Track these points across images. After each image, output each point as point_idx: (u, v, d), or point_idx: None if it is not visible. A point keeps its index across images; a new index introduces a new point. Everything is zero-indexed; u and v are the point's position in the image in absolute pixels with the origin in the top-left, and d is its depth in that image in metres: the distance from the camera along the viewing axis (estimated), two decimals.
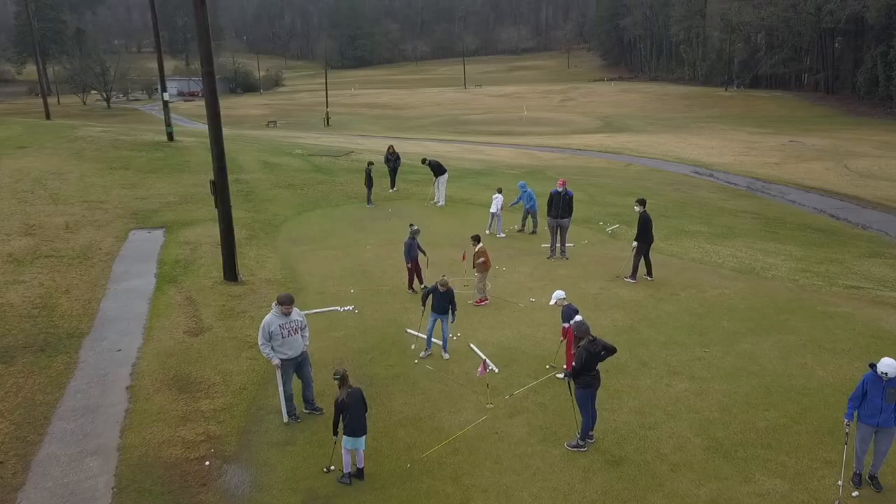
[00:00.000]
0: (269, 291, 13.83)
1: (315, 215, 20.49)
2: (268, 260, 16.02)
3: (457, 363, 10.73)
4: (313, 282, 14.53)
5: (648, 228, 14.43)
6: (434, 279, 14.26)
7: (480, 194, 24.12)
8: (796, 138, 55.69)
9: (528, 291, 14.01)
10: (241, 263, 15.38)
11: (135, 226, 18.34)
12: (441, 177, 22.14)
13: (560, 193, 16.19)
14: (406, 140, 54.51)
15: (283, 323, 8.75)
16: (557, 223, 16.33)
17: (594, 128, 71.04)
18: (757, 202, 28.14)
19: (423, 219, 20.33)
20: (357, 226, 19.41)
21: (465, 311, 12.85)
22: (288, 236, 18.22)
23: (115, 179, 23.51)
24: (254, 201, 21.70)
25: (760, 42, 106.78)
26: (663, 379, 10.17)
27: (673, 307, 13.09)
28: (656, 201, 26.36)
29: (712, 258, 17.02)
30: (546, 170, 35.60)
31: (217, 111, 13.52)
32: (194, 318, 12.32)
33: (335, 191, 23.65)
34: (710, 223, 21.94)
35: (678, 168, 39.11)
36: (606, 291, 14.04)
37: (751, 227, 22.02)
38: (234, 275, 14.24)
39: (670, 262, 16.38)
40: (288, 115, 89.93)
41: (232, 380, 10.16)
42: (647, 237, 14.48)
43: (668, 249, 17.73)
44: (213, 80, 13.39)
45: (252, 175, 25.25)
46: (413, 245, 13.99)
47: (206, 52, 13.21)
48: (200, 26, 13.06)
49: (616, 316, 12.66)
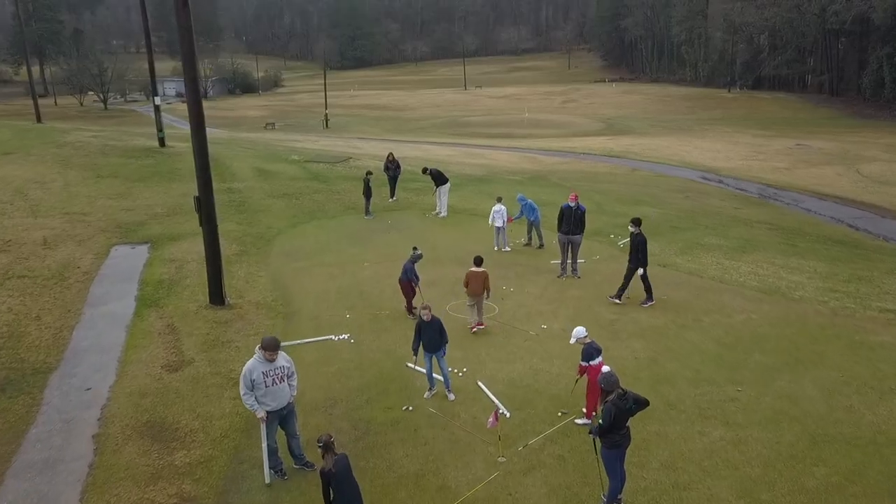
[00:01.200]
0: (257, 317, 12.77)
1: (310, 228, 19.42)
2: (258, 279, 14.95)
3: (463, 405, 9.66)
4: (306, 305, 13.46)
5: (643, 251, 13.33)
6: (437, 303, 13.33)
7: (483, 204, 23.01)
8: (802, 141, 54.70)
9: (539, 316, 12.94)
10: (229, 284, 14.32)
11: (118, 240, 17.27)
12: (442, 186, 21.07)
13: (572, 208, 15.12)
14: (405, 143, 53.50)
15: (268, 370, 7.67)
16: (569, 240, 15.26)
17: (596, 130, 69.99)
18: (771, 211, 27.08)
19: (423, 231, 19.31)
20: (354, 239, 18.34)
21: (471, 341, 11.79)
22: (281, 251, 17.14)
23: (101, 189, 22.43)
24: (246, 212, 20.63)
25: (763, 43, 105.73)
26: (695, 425, 9.10)
27: (697, 336, 12.01)
28: (666, 210, 25.33)
29: (733, 276, 15.94)
30: (549, 175, 34.57)
31: (201, 121, 12.45)
32: (175, 349, 11.24)
33: (332, 200, 22.58)
34: (726, 235, 20.86)
35: (685, 173, 38.05)
36: (623, 316, 12.97)
37: (769, 239, 20.94)
38: (220, 298, 13.17)
39: (689, 281, 15.31)
40: (286, 116, 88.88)
41: (212, 426, 9.09)
42: (641, 260, 13.39)
43: (686, 266, 16.66)
44: (197, 86, 12.32)
45: (245, 184, 24.18)
46: (410, 270, 12.94)
47: (188, 56, 12.14)
48: (183, 28, 11.99)
49: (636, 346, 11.60)
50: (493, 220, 17.50)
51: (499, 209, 17.44)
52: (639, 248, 13.33)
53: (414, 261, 12.99)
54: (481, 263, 12.12)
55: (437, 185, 21.18)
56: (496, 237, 17.72)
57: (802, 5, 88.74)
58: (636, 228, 13.47)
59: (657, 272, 15.98)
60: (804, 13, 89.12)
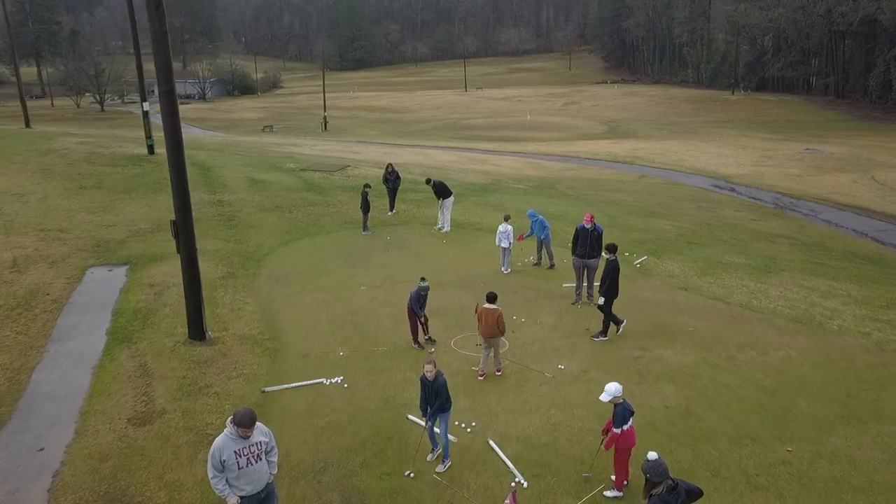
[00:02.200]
0: (241, 354, 11.46)
1: (304, 245, 18.11)
2: (245, 307, 13.64)
3: (473, 470, 8.36)
4: (296, 339, 12.16)
5: (612, 279, 11.96)
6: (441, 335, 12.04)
7: (489, 217, 21.73)
8: (812, 146, 53.44)
9: (555, 354, 11.64)
10: (213, 312, 13.04)
11: (95, 262, 15.96)
12: (446, 200, 19.77)
13: (588, 230, 13.82)
14: (406, 148, 52.22)
15: (241, 448, 6.36)
16: (584, 263, 13.96)
17: (599, 133, 68.72)
18: (790, 223, 25.80)
19: (425, 249, 18.02)
20: (351, 258, 17.03)
21: (480, 386, 10.49)
22: (271, 273, 15.84)
23: (82, 202, 21.12)
24: (235, 228, 19.32)
25: (767, 44, 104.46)
26: (744, 497, 7.81)
27: (733, 378, 10.72)
28: (681, 222, 24.05)
29: (762, 302, 14.65)
30: (555, 183, 33.29)
31: (179, 138, 11.14)
32: (145, 396, 9.94)
33: (328, 214, 21.27)
34: (747, 252, 19.58)
35: (695, 181, 36.77)
36: (648, 353, 11.67)
37: (792, 256, 19.66)
38: (201, 332, 11.87)
39: (716, 309, 14.01)
40: (285, 118, 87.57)
41: (181, 498, 7.79)
42: (613, 291, 12.04)
43: (709, 290, 15.36)
44: (173, 98, 11.01)
45: (236, 196, 22.86)
46: (417, 299, 11.66)
47: (163, 65, 10.83)
48: (157, 34, 10.69)
49: (666, 392, 10.30)
50: (500, 240, 16.21)
51: (505, 229, 16.14)
52: (608, 275, 11.93)
53: (420, 293, 11.71)
54: (495, 300, 10.74)
55: (440, 198, 19.89)
56: (503, 258, 16.43)
57: (808, 6, 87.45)
58: (611, 255, 12.09)
59: (680, 297, 14.73)
60: (809, 14, 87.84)
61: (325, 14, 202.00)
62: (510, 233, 16.14)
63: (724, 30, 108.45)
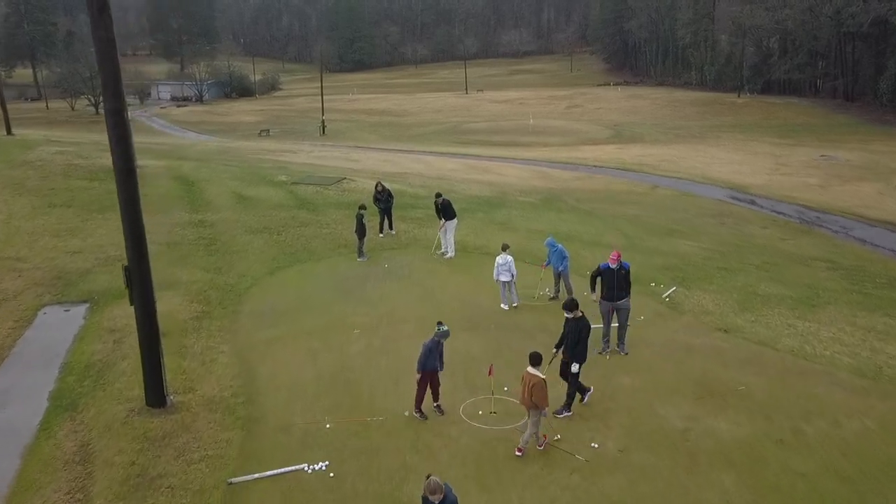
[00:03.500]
0: (208, 427, 9.53)
1: (291, 275, 16.17)
2: (218, 358, 11.71)
3: None
4: (275, 403, 10.22)
5: (583, 341, 9.87)
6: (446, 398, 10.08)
7: (497, 239, 19.72)
8: (826, 152, 51.60)
9: (584, 424, 9.71)
10: (178, 366, 11.13)
11: (51, 299, 14.04)
12: (449, 222, 17.85)
13: (613, 270, 11.89)
14: (405, 154, 50.31)
15: None
16: (614, 307, 12.02)
17: (604, 138, 66.81)
18: (821, 242, 23.89)
19: (427, 278, 16.10)
20: (344, 291, 15.10)
21: (497, 476, 8.54)
22: (253, 311, 13.91)
23: (48, 223, 19.21)
24: (217, 254, 17.39)
25: (773, 46, 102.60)
26: None
27: (806, 462, 8.78)
28: (704, 242, 22.14)
29: (815, 348, 12.72)
30: (564, 195, 31.36)
31: (130, 165, 9.22)
32: (80, 493, 8.01)
33: (320, 236, 19.34)
34: (784, 280, 17.64)
35: (712, 191, 34.84)
36: (697, 423, 9.73)
37: (834, 284, 17.73)
38: (160, 397, 9.94)
39: (764, 358, 12.08)
40: (283, 121, 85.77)
41: None
42: (584, 355, 9.90)
43: (752, 331, 13.43)
44: (124, 120, 9.09)
45: (220, 215, 20.92)
46: (435, 350, 9.75)
47: (111, 79, 8.91)
48: (102, 41, 8.76)
49: (726, 482, 8.36)
50: (499, 273, 14.27)
51: (504, 261, 14.21)
52: (578, 336, 9.84)
53: (439, 339, 9.80)
54: (539, 363, 8.83)
55: (441, 219, 17.97)
56: (503, 292, 14.47)
57: (816, 7, 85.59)
58: (573, 313, 9.97)
59: (721, 342, 12.79)
60: (818, 15, 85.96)
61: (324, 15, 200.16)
62: (511, 264, 14.22)
63: (728, 31, 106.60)
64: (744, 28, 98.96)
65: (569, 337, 9.96)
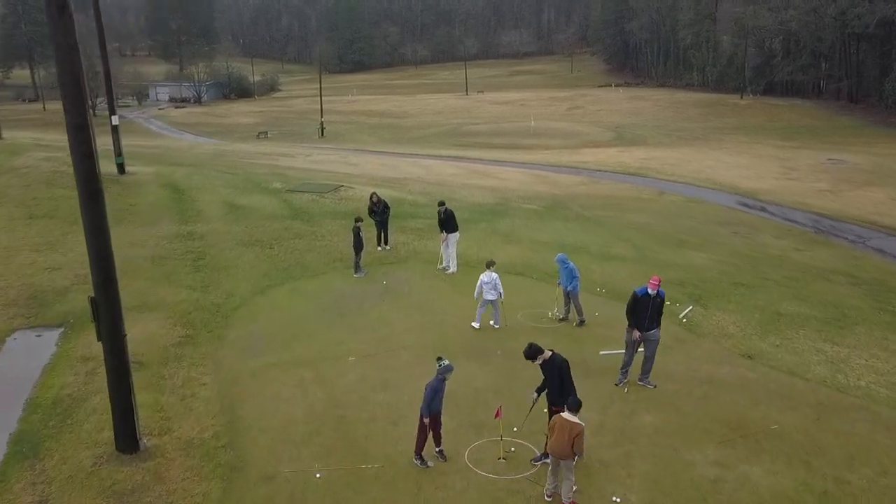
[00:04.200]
0: (184, 475, 8.54)
1: (283, 294, 15.17)
2: (199, 392, 10.71)
3: None
4: (260, 446, 9.23)
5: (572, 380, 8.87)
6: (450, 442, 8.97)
7: (501, 252, 18.79)
8: (832, 155, 50.65)
9: (603, 472, 8.71)
10: (155, 402, 10.15)
11: (23, 322, 13.06)
12: (451, 235, 16.87)
13: (650, 297, 10.88)
14: (405, 158, 49.35)
15: None
16: (646, 338, 10.98)
17: (606, 140, 65.82)
18: (839, 254, 22.88)
19: (427, 297, 15.12)
20: (338, 312, 14.10)
21: None
22: (239, 336, 12.92)
23: (28, 236, 18.23)
24: (204, 270, 16.39)
25: (776, 47, 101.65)
26: None
27: None
28: (718, 254, 21.15)
29: (849, 378, 11.74)
30: (568, 202, 30.37)
31: (95, 187, 8.25)
32: None
33: (314, 249, 18.34)
34: (807, 297, 16.65)
35: (720, 198, 33.83)
36: (729, 471, 8.73)
37: (859, 302, 16.73)
38: (132, 441, 8.94)
39: (795, 391, 11.09)
40: (281, 123, 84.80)
41: None
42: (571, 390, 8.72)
43: (779, 358, 12.45)
44: (88, 137, 8.10)
45: (210, 226, 19.92)
46: (442, 391, 8.78)
47: (73, 90, 7.92)
48: (62, 47, 7.78)
49: None
50: (484, 293, 13.26)
51: (489, 279, 13.23)
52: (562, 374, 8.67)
53: (443, 376, 8.83)
54: (578, 410, 7.95)
55: (443, 231, 16.98)
56: (480, 311, 13.46)
57: (820, 8, 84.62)
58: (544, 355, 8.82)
59: (747, 371, 11.79)
60: (822, 16, 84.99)
61: (324, 16, 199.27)
62: (497, 282, 13.26)
63: (730, 32, 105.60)
64: (746, 29, 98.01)
65: (551, 381, 8.84)
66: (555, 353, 8.91)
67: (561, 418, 7.94)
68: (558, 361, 8.83)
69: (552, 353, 8.89)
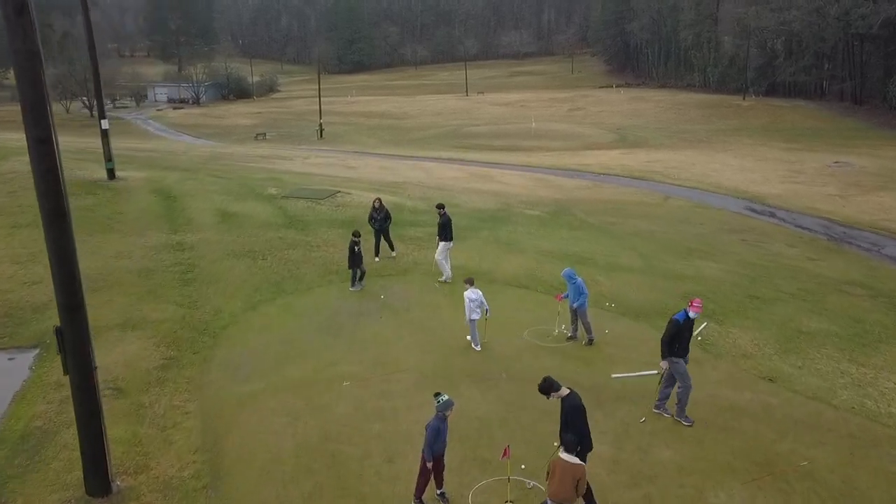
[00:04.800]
0: None
1: (275, 310, 14.37)
2: (182, 422, 9.92)
3: None
4: (244, 489, 8.43)
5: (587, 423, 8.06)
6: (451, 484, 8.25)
7: (503, 262, 18.05)
8: (838, 157, 49.91)
9: None
10: (133, 435, 9.37)
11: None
12: (443, 243, 16.08)
13: (692, 320, 10.11)
14: (405, 161, 48.58)
15: None
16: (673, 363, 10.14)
17: (608, 142, 65.09)
18: (855, 263, 22.11)
19: (426, 312, 14.36)
20: (333, 330, 13.32)
21: None
22: (227, 357, 12.12)
23: (10, 247, 17.44)
24: (193, 283, 15.59)
25: (778, 48, 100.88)
26: None
27: None
28: (729, 264, 20.37)
29: (878, 404, 10.97)
30: (572, 207, 29.61)
31: (59, 205, 7.47)
32: None
33: (309, 260, 17.55)
34: (826, 311, 15.87)
35: (727, 202, 33.07)
36: None
37: (882, 317, 15.94)
38: (103, 483, 8.16)
39: (823, 419, 10.32)
40: (280, 124, 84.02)
41: None
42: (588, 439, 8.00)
43: (803, 381, 11.67)
44: (52, 150, 7.33)
45: (200, 235, 19.12)
46: (443, 431, 8.00)
47: (35, 99, 7.15)
48: (20, 53, 7.00)
49: None
50: (471, 311, 12.49)
51: (475, 296, 12.45)
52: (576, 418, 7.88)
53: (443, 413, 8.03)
54: (575, 448, 7.32)
55: (439, 237, 16.19)
56: (474, 333, 12.67)
57: (823, 8, 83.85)
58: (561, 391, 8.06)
59: (769, 397, 10.98)
60: (825, 16, 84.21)
61: (323, 16, 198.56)
62: (482, 299, 12.48)
63: (732, 33, 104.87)
64: (748, 29, 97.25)
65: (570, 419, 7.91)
66: (572, 393, 8.09)
67: (561, 461, 7.16)
68: (570, 404, 7.99)
69: (569, 392, 8.09)
